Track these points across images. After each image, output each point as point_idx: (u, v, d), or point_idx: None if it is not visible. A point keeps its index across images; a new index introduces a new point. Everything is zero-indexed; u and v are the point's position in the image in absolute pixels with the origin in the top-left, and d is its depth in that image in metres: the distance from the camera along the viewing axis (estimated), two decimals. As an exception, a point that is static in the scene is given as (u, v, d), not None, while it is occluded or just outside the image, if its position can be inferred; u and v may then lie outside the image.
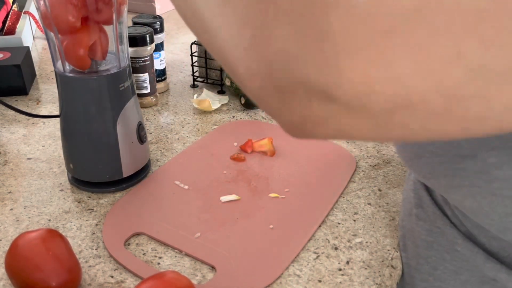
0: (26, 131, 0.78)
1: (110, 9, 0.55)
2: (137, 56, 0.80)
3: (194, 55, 0.91)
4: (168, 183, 0.65)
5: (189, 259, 0.53)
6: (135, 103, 0.63)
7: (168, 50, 1.13)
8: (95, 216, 0.59)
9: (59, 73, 0.58)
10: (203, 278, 0.51)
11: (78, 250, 0.54)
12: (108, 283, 0.50)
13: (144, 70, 0.82)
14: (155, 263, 0.52)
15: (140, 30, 0.80)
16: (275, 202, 0.61)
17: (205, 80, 0.92)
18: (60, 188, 0.64)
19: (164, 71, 0.91)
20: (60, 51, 0.56)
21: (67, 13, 0.53)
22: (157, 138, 0.76)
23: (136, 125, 0.62)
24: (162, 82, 0.91)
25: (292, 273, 0.51)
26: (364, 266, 0.52)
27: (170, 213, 0.59)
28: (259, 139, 0.72)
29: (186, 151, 0.72)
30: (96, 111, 0.58)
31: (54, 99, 0.88)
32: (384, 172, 0.68)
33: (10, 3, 1.17)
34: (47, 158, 0.71)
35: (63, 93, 0.59)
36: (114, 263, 0.52)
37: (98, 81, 0.57)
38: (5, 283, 0.50)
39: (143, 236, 0.56)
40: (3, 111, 0.84)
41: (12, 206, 0.61)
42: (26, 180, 0.66)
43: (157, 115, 0.84)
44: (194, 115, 0.83)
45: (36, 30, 1.21)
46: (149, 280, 0.43)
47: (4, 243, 0.55)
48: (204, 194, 0.63)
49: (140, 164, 0.65)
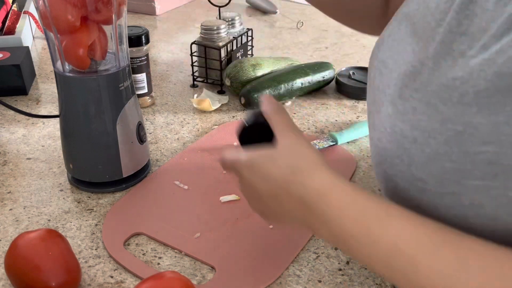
0: (25, 131, 0.78)
1: (109, 9, 0.55)
2: (134, 57, 0.80)
3: (194, 55, 0.91)
4: (168, 183, 0.65)
5: (189, 259, 0.53)
6: (135, 103, 0.63)
7: (168, 50, 1.13)
8: (94, 216, 0.59)
9: (59, 73, 0.58)
10: (203, 278, 0.51)
11: (77, 250, 0.54)
12: (108, 283, 0.50)
13: (141, 70, 0.82)
14: (155, 263, 0.52)
15: (135, 30, 0.80)
16: (275, 202, 0.61)
17: (205, 80, 0.92)
18: (60, 188, 0.64)
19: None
20: (59, 51, 0.56)
21: (67, 13, 0.53)
22: (156, 138, 0.76)
23: (135, 125, 0.62)
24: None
25: (292, 273, 0.51)
26: (364, 266, 0.52)
27: (170, 213, 0.59)
28: (259, 139, 0.72)
29: (186, 151, 0.72)
30: (96, 111, 0.58)
31: (54, 99, 0.88)
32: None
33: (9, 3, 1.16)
34: (46, 158, 0.71)
35: (63, 93, 0.59)
36: (113, 263, 0.52)
37: (97, 81, 0.57)
38: (4, 283, 0.50)
39: (143, 236, 0.56)
40: (3, 111, 0.84)
41: (12, 206, 0.61)
42: (26, 180, 0.66)
43: (157, 115, 0.84)
44: (194, 115, 0.83)
45: (36, 30, 1.21)
46: (148, 280, 0.43)
47: (4, 243, 0.55)
48: (204, 194, 0.63)
49: (139, 164, 0.65)
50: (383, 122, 0.42)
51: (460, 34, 0.36)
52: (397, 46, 0.44)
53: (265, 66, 0.89)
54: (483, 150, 0.34)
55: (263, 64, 0.89)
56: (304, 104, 0.87)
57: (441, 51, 0.37)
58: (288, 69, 0.89)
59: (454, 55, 0.36)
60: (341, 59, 1.08)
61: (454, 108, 0.35)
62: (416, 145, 0.38)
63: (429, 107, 0.37)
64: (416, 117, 0.38)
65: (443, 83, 0.36)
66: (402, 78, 0.41)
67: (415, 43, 0.41)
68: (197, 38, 0.90)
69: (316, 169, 0.42)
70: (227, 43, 0.89)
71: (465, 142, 0.34)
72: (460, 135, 0.35)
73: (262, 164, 0.44)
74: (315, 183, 0.41)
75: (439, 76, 0.37)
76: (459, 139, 0.35)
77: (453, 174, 0.35)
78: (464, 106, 0.34)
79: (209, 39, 0.88)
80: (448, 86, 0.36)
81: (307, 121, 0.81)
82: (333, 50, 1.14)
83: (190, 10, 1.44)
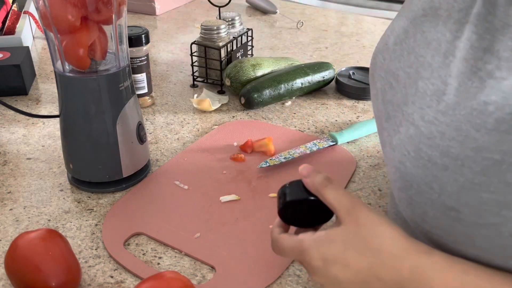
0: (25, 131, 0.78)
1: (109, 9, 0.55)
2: (134, 57, 0.80)
3: (194, 55, 0.91)
4: (168, 183, 0.65)
5: (189, 259, 0.53)
6: (135, 103, 0.63)
7: (168, 50, 1.13)
8: (94, 216, 0.59)
9: (59, 73, 0.58)
10: (203, 278, 0.51)
11: (77, 250, 0.54)
12: (108, 283, 0.50)
13: (141, 70, 0.82)
14: (155, 263, 0.52)
15: (135, 30, 0.80)
16: (275, 202, 0.61)
17: (205, 80, 0.92)
18: (60, 188, 0.64)
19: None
20: (59, 51, 0.56)
21: (67, 13, 0.53)
22: (156, 138, 0.76)
23: (135, 125, 0.62)
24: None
25: (292, 273, 0.51)
26: (364, 266, 0.52)
27: (170, 213, 0.59)
28: (259, 139, 0.72)
29: (186, 151, 0.72)
30: (96, 111, 0.58)
31: (54, 99, 0.88)
32: (384, 172, 0.68)
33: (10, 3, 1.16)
34: (46, 158, 0.71)
35: (63, 93, 0.59)
36: (113, 263, 0.52)
37: (97, 81, 0.57)
38: (4, 283, 0.50)
39: (143, 236, 0.56)
40: (3, 111, 0.84)
41: (12, 206, 0.61)
42: (26, 180, 0.66)
43: (157, 115, 0.84)
44: (194, 115, 0.83)
45: (36, 30, 1.21)
46: (148, 280, 0.43)
47: (4, 243, 0.55)
48: (204, 194, 0.63)
49: (140, 164, 0.65)
50: (405, 144, 0.39)
51: (484, 50, 0.34)
52: (408, 57, 0.41)
53: (265, 66, 0.89)
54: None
55: (263, 64, 0.89)
56: (304, 104, 0.87)
57: (465, 70, 0.35)
58: (288, 69, 0.89)
59: (480, 76, 0.33)
60: (341, 59, 1.08)
61: (489, 135, 0.32)
62: (448, 173, 0.35)
63: (459, 133, 0.34)
64: (445, 143, 0.35)
65: (473, 107, 0.33)
66: (421, 96, 0.38)
67: (430, 57, 0.38)
68: (197, 38, 0.90)
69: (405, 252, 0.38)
70: (227, 43, 0.89)
71: (505, 172, 0.32)
72: (499, 164, 0.32)
73: (335, 249, 0.40)
74: (407, 265, 0.38)
75: (468, 98, 0.34)
76: (498, 169, 0.32)
77: (492, 205, 0.33)
78: (501, 133, 0.32)
79: (209, 39, 0.88)
80: (480, 111, 0.33)
81: (307, 121, 0.82)
82: (333, 50, 1.14)
83: (190, 10, 1.44)
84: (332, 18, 1.37)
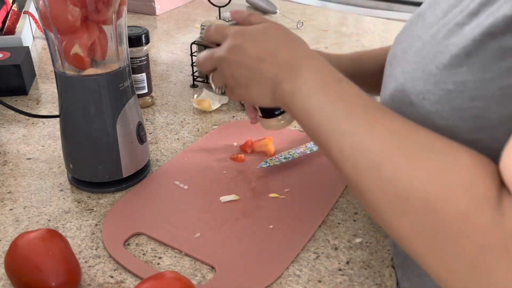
0: (25, 131, 0.78)
1: (109, 9, 0.55)
2: (134, 57, 0.80)
3: (194, 55, 0.91)
4: (168, 183, 0.65)
5: (189, 259, 0.53)
6: (135, 103, 0.63)
7: (168, 50, 1.13)
8: (94, 216, 0.59)
9: (59, 73, 0.58)
10: (203, 278, 0.51)
11: (77, 250, 0.54)
12: (108, 283, 0.50)
13: (141, 70, 0.82)
14: (155, 263, 0.52)
15: (135, 30, 0.80)
16: (275, 202, 0.61)
17: (205, 80, 0.92)
18: (60, 188, 0.64)
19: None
20: (59, 51, 0.56)
21: (67, 13, 0.53)
22: (156, 138, 0.76)
23: (136, 125, 0.62)
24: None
25: (292, 273, 0.51)
26: (364, 266, 0.52)
27: (170, 213, 0.59)
28: (259, 139, 0.72)
29: (186, 151, 0.72)
30: (96, 111, 0.58)
31: (54, 99, 0.88)
32: (384, 172, 0.68)
33: (10, 3, 1.17)
34: (46, 158, 0.71)
35: (63, 93, 0.59)
36: (113, 263, 0.52)
37: (97, 81, 0.57)
38: (4, 283, 0.50)
39: (143, 236, 0.56)
40: (3, 111, 0.84)
41: (12, 206, 0.61)
42: (26, 180, 0.66)
43: (157, 115, 0.84)
44: (194, 115, 0.83)
45: (36, 30, 1.21)
46: (148, 280, 0.43)
47: (4, 243, 0.55)
48: (204, 194, 0.63)
49: (140, 164, 0.65)
50: (398, 78, 0.46)
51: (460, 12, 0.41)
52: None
53: (265, 66, 0.89)
54: (471, 106, 0.37)
55: (263, 64, 0.89)
56: (304, 104, 0.87)
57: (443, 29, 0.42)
58: (288, 69, 0.89)
59: (452, 29, 0.40)
60: (341, 59, 1.08)
61: (446, 70, 0.39)
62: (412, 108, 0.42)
63: (424, 72, 0.41)
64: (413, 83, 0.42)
65: (439, 51, 0.40)
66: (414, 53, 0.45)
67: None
68: (197, 38, 0.90)
69: (308, 56, 0.48)
70: (227, 43, 0.89)
71: (455, 99, 0.38)
72: (450, 93, 0.38)
73: (254, 30, 0.50)
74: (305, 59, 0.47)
75: (436, 45, 0.41)
76: (449, 97, 0.38)
77: (445, 131, 0.39)
78: (455, 67, 0.38)
79: (209, 39, 0.88)
80: (442, 52, 0.40)
81: (307, 121, 0.81)
82: (333, 50, 1.14)
83: (190, 10, 1.44)
84: (332, 18, 1.37)
